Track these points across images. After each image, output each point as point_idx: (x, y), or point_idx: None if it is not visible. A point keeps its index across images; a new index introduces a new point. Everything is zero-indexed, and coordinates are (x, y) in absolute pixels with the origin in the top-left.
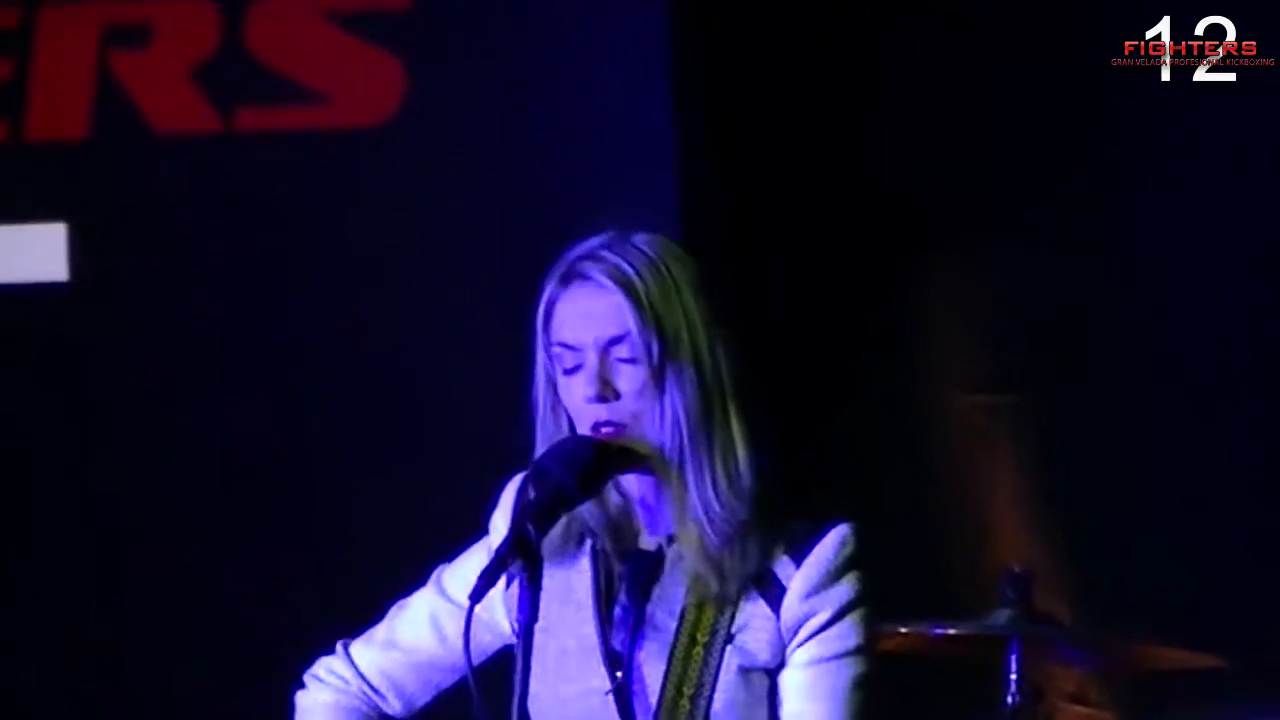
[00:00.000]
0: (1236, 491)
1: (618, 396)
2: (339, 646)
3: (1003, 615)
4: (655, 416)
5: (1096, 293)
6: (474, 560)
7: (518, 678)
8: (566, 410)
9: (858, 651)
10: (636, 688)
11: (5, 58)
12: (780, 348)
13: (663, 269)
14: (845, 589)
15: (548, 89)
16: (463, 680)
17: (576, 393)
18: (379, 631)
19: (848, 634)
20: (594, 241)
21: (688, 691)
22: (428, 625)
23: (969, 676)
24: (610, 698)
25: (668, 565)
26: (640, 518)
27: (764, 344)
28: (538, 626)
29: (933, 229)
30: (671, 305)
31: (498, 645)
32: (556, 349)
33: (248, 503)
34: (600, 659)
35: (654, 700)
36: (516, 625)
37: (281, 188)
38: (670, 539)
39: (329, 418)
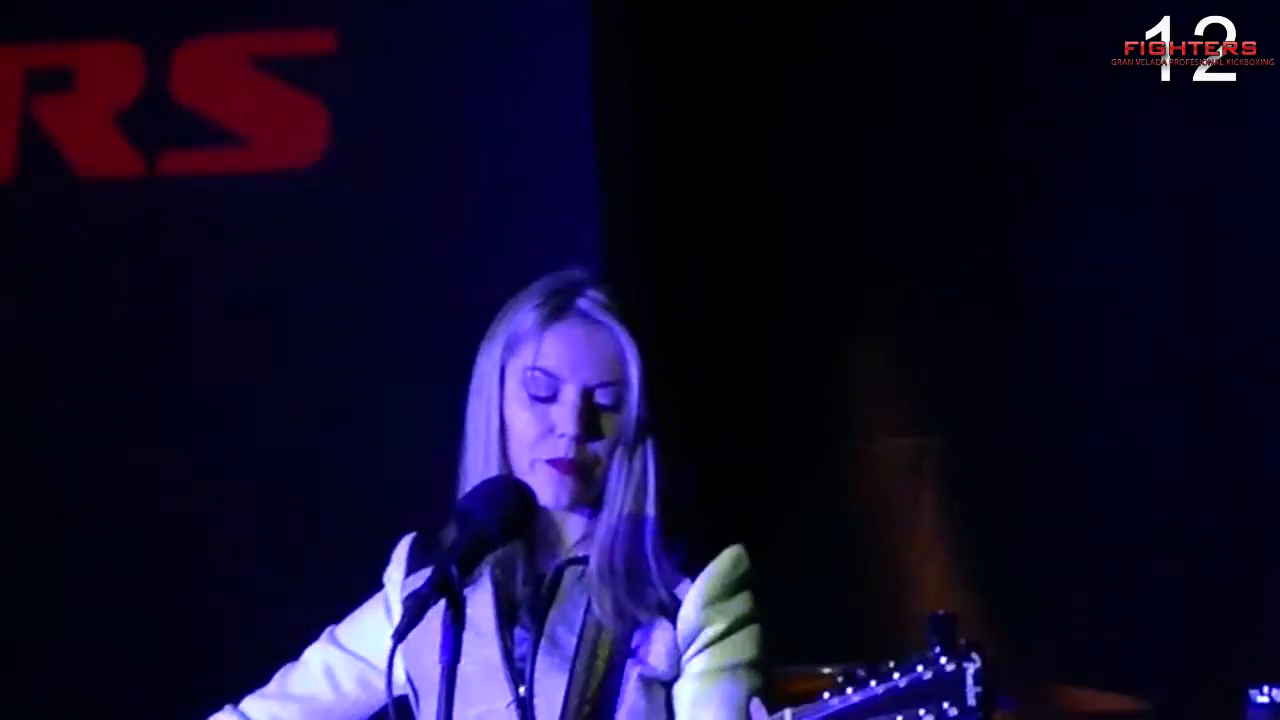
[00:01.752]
0: (1159, 537)
1: (596, 439)
2: (227, 707)
3: (929, 655)
4: (619, 465)
5: (1015, 338)
6: (368, 615)
7: (440, 714)
8: (505, 437)
9: (752, 665)
10: (540, 702)
11: None
12: (704, 389)
13: (635, 319)
14: (739, 604)
15: (471, 128)
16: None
17: (538, 424)
18: (271, 687)
19: (743, 647)
20: (578, 275)
21: (589, 704)
22: (322, 676)
23: None
24: (512, 710)
25: (566, 586)
26: (539, 542)
27: (686, 383)
28: (429, 666)
29: (857, 272)
30: (648, 362)
31: (381, 700)
32: (534, 374)
33: (160, 558)
34: (504, 678)
35: (557, 713)
36: (440, 665)
37: (205, 230)
38: (569, 562)
39: (244, 464)
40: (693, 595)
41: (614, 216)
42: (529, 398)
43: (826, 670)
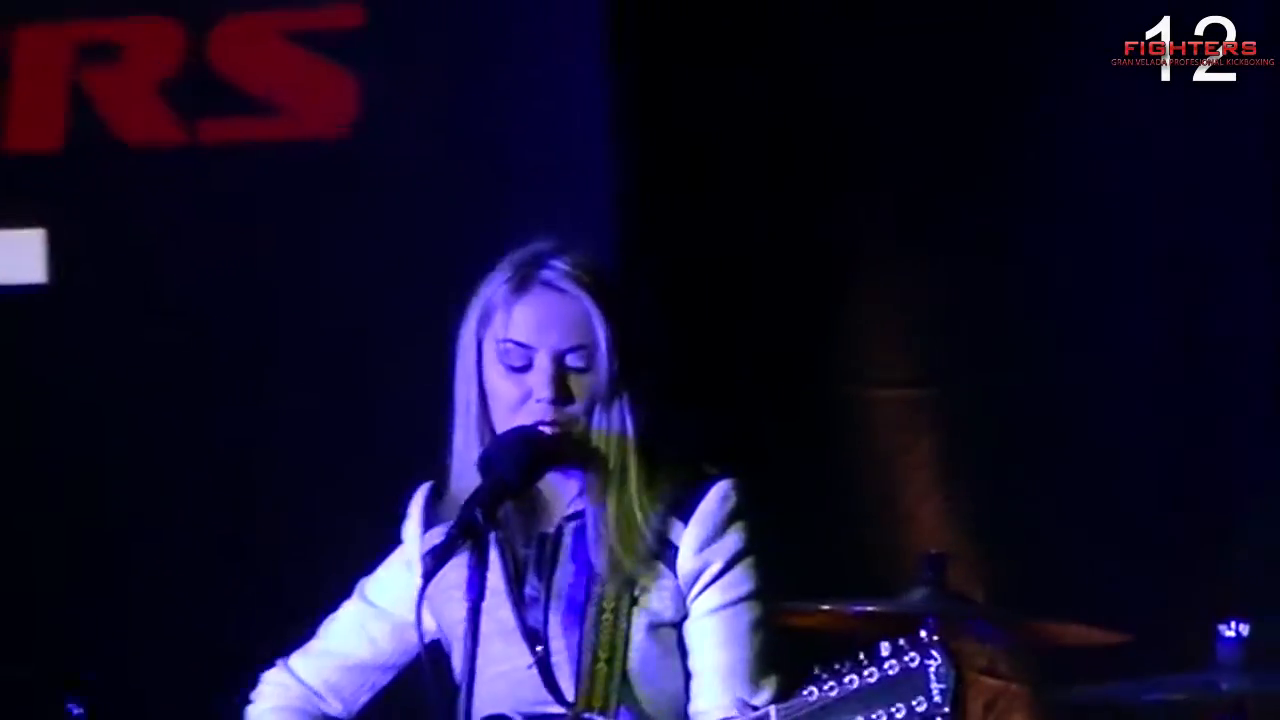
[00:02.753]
0: (1140, 480)
1: (570, 402)
2: (279, 662)
3: (919, 594)
4: (600, 422)
5: (1010, 291)
6: (391, 568)
7: (466, 650)
8: (488, 405)
9: (752, 596)
10: (556, 659)
11: None
12: (716, 343)
13: (609, 285)
14: (734, 539)
15: (496, 98)
16: (397, 679)
17: (517, 390)
18: (314, 643)
19: (742, 581)
20: (542, 247)
21: (604, 655)
22: (356, 631)
23: None
24: (534, 671)
25: (568, 543)
26: (538, 504)
27: (698, 336)
28: (456, 620)
29: (858, 231)
30: (624, 321)
31: (407, 651)
32: (506, 345)
33: (213, 501)
34: (520, 637)
35: (572, 668)
36: (466, 603)
37: (244, 195)
38: (567, 519)
39: (294, 420)
40: (687, 539)
41: (626, 176)
42: (505, 368)
43: (826, 606)
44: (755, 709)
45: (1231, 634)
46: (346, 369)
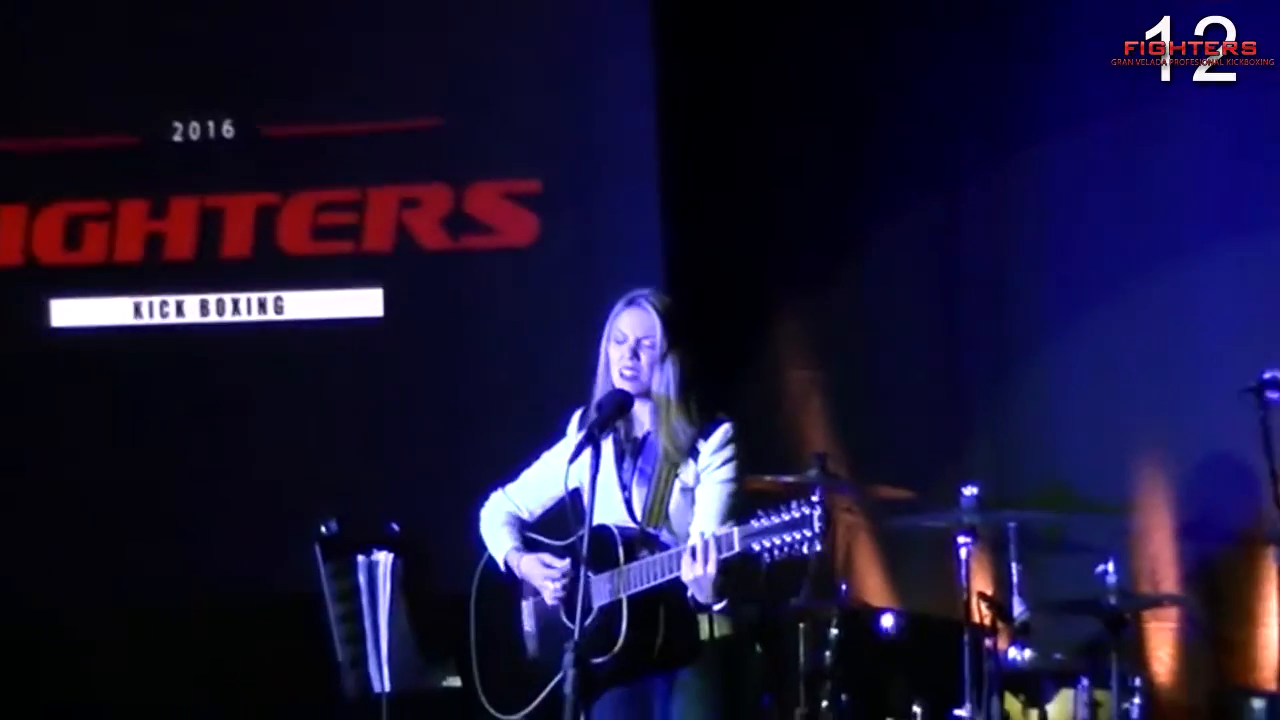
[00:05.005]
0: (920, 404)
1: (638, 364)
2: (498, 489)
3: (812, 473)
4: (658, 378)
5: (868, 299)
6: (556, 451)
7: (589, 494)
8: (607, 367)
9: (732, 480)
10: (633, 501)
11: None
12: (709, 350)
13: (669, 310)
14: (727, 451)
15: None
16: (556, 506)
17: (617, 357)
18: (516, 483)
19: (727, 471)
20: (639, 290)
21: (656, 500)
22: (538, 479)
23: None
24: (624, 506)
25: (649, 444)
26: (639, 418)
27: (703, 345)
28: (586, 479)
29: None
30: (672, 326)
31: (562, 494)
32: (618, 333)
33: (496, 427)
34: (618, 488)
35: (643, 507)
36: (588, 477)
37: (488, 272)
38: (645, 433)
39: (516, 385)
40: (704, 448)
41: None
42: (614, 343)
43: (767, 478)
44: (725, 531)
45: (969, 492)
46: (541, 354)
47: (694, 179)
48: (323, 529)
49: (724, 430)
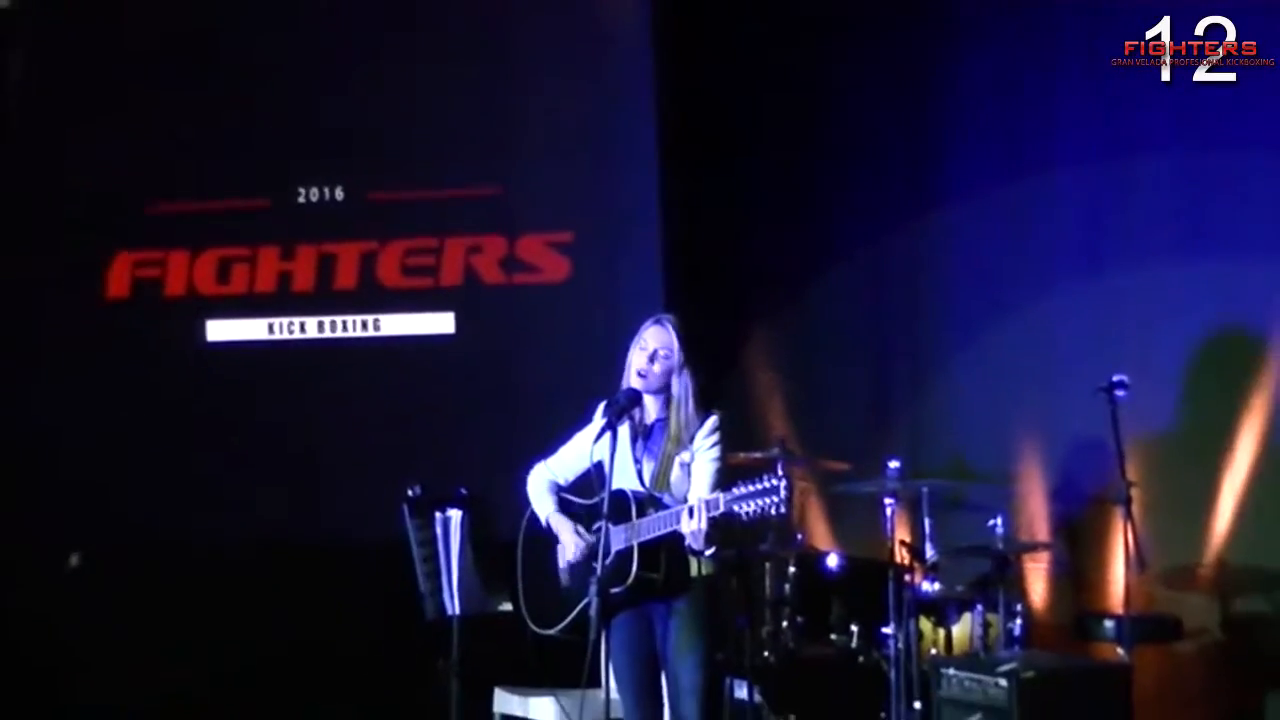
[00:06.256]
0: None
1: (654, 369)
2: (540, 462)
3: (775, 450)
4: (676, 383)
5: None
6: (585, 432)
7: (609, 467)
8: (630, 366)
9: (719, 459)
10: (645, 473)
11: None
12: (703, 357)
13: (684, 331)
14: (716, 434)
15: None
16: (584, 475)
17: (638, 362)
18: (554, 457)
19: (717, 450)
20: (666, 314)
21: (662, 471)
22: (571, 454)
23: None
24: (636, 475)
25: (659, 428)
26: (648, 409)
27: (700, 353)
28: (607, 455)
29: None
30: (685, 344)
31: (589, 465)
32: (642, 342)
33: (548, 408)
34: (633, 462)
35: (651, 476)
36: (609, 453)
37: (534, 301)
38: (656, 420)
39: (564, 378)
40: (699, 433)
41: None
42: (638, 350)
43: (741, 455)
44: (713, 496)
45: (893, 465)
46: (573, 362)
47: (688, 225)
48: (409, 492)
49: (714, 420)
